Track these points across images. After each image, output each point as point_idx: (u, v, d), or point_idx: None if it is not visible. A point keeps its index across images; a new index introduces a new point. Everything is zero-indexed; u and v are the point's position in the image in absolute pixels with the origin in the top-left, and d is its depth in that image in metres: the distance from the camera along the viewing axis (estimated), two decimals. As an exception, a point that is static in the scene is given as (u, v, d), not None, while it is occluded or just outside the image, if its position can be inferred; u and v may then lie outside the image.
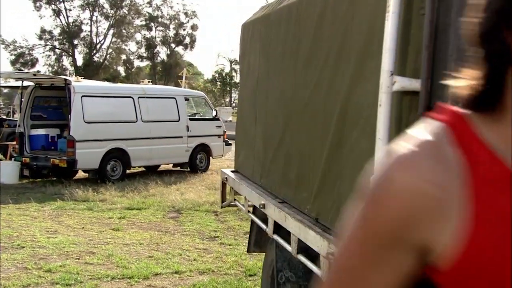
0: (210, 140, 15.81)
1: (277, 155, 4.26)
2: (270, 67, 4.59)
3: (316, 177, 3.39)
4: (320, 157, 3.34)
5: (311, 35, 3.63)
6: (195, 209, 10.55)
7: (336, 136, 3.12)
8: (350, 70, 2.98)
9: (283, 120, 4.16)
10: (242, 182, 4.92)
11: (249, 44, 5.31)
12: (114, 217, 9.76)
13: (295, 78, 3.92)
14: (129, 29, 65.69)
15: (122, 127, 13.89)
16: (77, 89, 13.09)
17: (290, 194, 3.91)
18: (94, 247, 7.59)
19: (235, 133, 5.81)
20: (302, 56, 3.79)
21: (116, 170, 13.87)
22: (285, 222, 3.64)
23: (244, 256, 7.35)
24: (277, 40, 4.41)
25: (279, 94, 4.31)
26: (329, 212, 3.19)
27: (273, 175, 4.36)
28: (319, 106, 3.41)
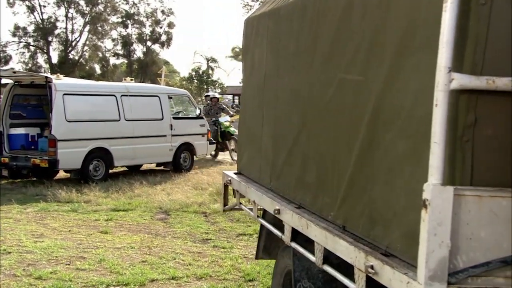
0: (194, 139, 15.54)
1: (291, 156, 4.04)
2: (280, 64, 4.36)
3: (342, 181, 3.17)
4: (347, 160, 3.12)
5: (332, 30, 3.41)
6: (183, 210, 10.29)
7: (367, 137, 2.91)
8: (384, 67, 2.77)
9: (297, 120, 3.94)
10: (249, 185, 4.69)
11: (254, 39, 5.08)
12: (101, 219, 9.45)
13: (312, 76, 3.69)
14: (105, 26, 64.90)
15: (105, 126, 13.56)
16: (58, 87, 12.72)
17: (308, 198, 3.69)
18: (84, 252, 7.29)
19: (238, 132, 5.57)
20: (321, 53, 3.57)
21: (99, 170, 13.53)
22: (306, 229, 3.41)
23: (240, 260, 7.13)
24: (289, 36, 4.19)
25: (292, 92, 4.09)
26: (359, 218, 2.97)
27: (286, 177, 4.13)
28: (345, 105, 3.19)
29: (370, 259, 2.65)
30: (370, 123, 2.88)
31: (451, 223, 2.20)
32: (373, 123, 2.85)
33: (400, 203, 2.60)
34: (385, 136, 2.74)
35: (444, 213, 2.19)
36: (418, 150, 2.48)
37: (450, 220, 2.20)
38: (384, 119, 2.75)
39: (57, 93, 12.58)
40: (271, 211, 4.04)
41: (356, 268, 2.77)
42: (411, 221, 2.49)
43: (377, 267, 2.57)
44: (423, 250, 2.21)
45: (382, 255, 2.65)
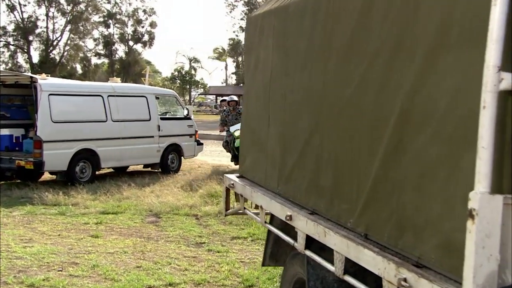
0: (181, 140, 15.34)
1: (302, 159, 3.88)
2: (288, 63, 4.19)
3: (364, 186, 3.02)
4: (369, 163, 2.96)
5: (350, 27, 3.25)
6: (174, 212, 10.09)
7: (394, 140, 2.75)
8: (415, 66, 2.61)
9: (309, 121, 3.77)
10: (255, 189, 4.51)
11: (258, 38, 4.90)
12: (90, 223, 9.23)
13: (327, 75, 3.53)
14: (87, 26, 64.32)
15: (92, 126, 13.33)
16: (43, 87, 12.46)
17: (323, 204, 3.53)
18: (76, 257, 7.07)
19: (240, 134, 5.39)
20: (337, 51, 3.41)
21: (85, 172, 13.29)
22: (324, 237, 3.25)
23: (237, 264, 6.96)
24: (299, 34, 4.02)
25: (303, 92, 3.93)
26: (384, 226, 2.81)
27: (296, 181, 3.97)
28: (366, 106, 3.03)
29: (402, 271, 2.49)
30: (397, 125, 2.73)
31: (500, 235, 2.05)
32: (400, 124, 2.70)
33: (434, 211, 2.45)
34: (416, 139, 2.58)
35: (493, 224, 2.04)
36: (455, 154, 2.33)
37: (499, 231, 2.05)
38: (415, 121, 2.60)
39: (42, 93, 12.32)
40: (282, 217, 3.87)
41: (385, 280, 2.61)
42: (447, 230, 2.35)
43: (412, 280, 2.42)
44: (470, 264, 2.05)
45: (414, 267, 2.50)
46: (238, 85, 71.57)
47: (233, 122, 14.45)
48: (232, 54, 77.83)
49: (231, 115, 15.10)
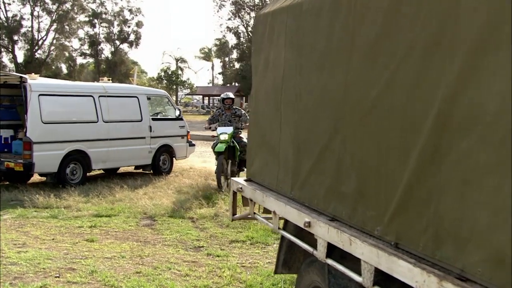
0: (173, 141, 15.13)
1: (320, 163, 3.72)
2: (303, 63, 4.03)
3: (393, 192, 2.86)
4: (400, 169, 2.81)
5: (377, 25, 3.09)
6: (169, 215, 9.90)
7: (431, 145, 2.59)
8: (455, 66, 2.46)
9: (328, 123, 3.62)
10: (267, 194, 4.35)
11: (267, 37, 4.74)
12: (84, 226, 9.01)
13: (349, 76, 3.38)
14: (72, 25, 63.77)
15: (82, 127, 13.09)
16: (33, 87, 12.20)
17: (345, 210, 3.37)
18: (73, 262, 6.86)
19: (247, 137, 5.22)
20: (362, 50, 3.25)
21: (76, 174, 13.04)
22: (349, 246, 3.09)
23: (239, 269, 6.79)
24: (315, 32, 3.86)
25: (320, 93, 3.77)
26: (419, 236, 2.65)
27: (313, 187, 3.81)
28: (397, 108, 2.87)
29: (445, 284, 2.34)
30: (434, 129, 2.57)
31: None
32: (438, 128, 2.54)
33: (481, 221, 2.30)
34: (458, 144, 2.43)
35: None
36: (505, 161, 2.18)
37: None
38: (456, 125, 2.44)
39: (32, 94, 12.07)
40: (299, 224, 3.71)
41: (425, 294, 2.46)
42: (498, 242, 2.19)
43: (458, 295, 2.27)
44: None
45: (458, 280, 2.35)
46: (225, 85, 71.43)
47: (225, 123, 12.65)
48: (219, 54, 77.62)
49: (224, 114, 12.89)
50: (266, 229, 8.57)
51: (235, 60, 68.83)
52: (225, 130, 12.17)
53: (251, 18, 59.99)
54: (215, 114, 13.27)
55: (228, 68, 75.22)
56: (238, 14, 59.08)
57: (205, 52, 79.71)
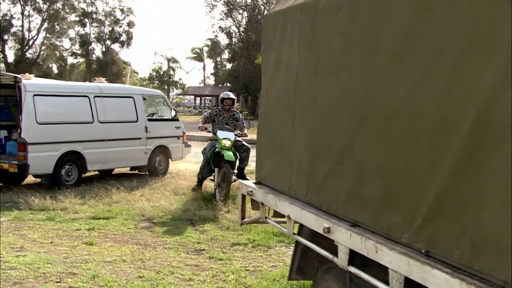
0: (169, 141, 14.97)
1: (339, 166, 3.60)
2: (320, 63, 3.91)
3: (425, 197, 2.74)
4: (432, 174, 2.69)
5: (405, 22, 2.97)
6: (168, 217, 9.74)
7: (468, 148, 2.47)
8: (497, 64, 2.33)
9: (349, 125, 3.49)
10: (281, 198, 4.22)
11: (279, 36, 4.61)
12: (82, 229, 8.85)
13: (372, 76, 3.26)
14: (63, 25, 63.34)
15: (78, 128, 12.90)
16: (28, 87, 12.01)
17: (367, 216, 3.25)
18: (73, 267, 6.70)
19: (256, 139, 5.09)
20: (387, 49, 3.13)
21: (71, 175, 12.87)
22: (375, 254, 2.97)
23: (243, 273, 6.66)
24: (333, 32, 3.74)
25: (338, 94, 3.65)
26: (455, 244, 2.53)
27: (331, 191, 3.68)
28: (428, 109, 2.74)
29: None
30: (472, 131, 2.45)
31: None
32: (477, 131, 2.42)
33: (527, 229, 2.19)
34: (501, 148, 2.30)
35: None
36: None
37: None
38: (499, 128, 2.31)
39: (27, 94, 11.89)
40: (318, 229, 3.58)
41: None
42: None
43: (504, 308, 2.15)
44: None
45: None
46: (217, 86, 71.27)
47: (222, 125, 11.59)
48: (211, 54, 77.43)
49: (222, 116, 11.80)
50: (268, 232, 8.46)
51: (227, 61, 68.67)
52: (227, 136, 11.06)
53: (243, 18, 59.91)
54: (212, 113, 12.02)
55: (220, 68, 75.05)
56: (230, 14, 58.90)
57: (196, 52, 79.50)
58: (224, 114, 11.86)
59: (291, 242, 8.11)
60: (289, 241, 8.14)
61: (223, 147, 10.90)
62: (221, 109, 11.91)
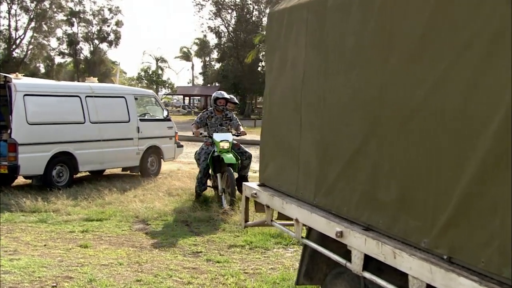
0: (161, 142, 14.82)
1: (351, 169, 3.50)
2: (329, 63, 3.81)
3: (447, 201, 2.65)
4: (457, 176, 2.59)
5: (422, 21, 2.88)
6: (163, 219, 9.61)
7: (497, 149, 2.38)
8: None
9: (362, 126, 3.40)
10: (288, 201, 4.12)
11: (284, 35, 4.51)
12: (76, 231, 8.69)
13: (387, 75, 3.16)
14: (50, 24, 62.86)
15: (69, 128, 12.72)
16: (18, 87, 11.83)
17: (382, 220, 3.15)
18: (69, 270, 6.56)
19: (260, 140, 4.98)
20: (403, 48, 3.04)
21: (63, 176, 12.67)
22: (393, 259, 2.87)
23: (242, 276, 6.54)
24: (343, 31, 3.65)
25: (350, 94, 3.55)
26: (481, 250, 2.44)
27: (342, 194, 3.58)
28: (450, 110, 2.65)
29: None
30: (500, 132, 2.36)
31: None
32: (506, 130, 2.33)
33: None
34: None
35: None
36: None
37: None
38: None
39: (17, 94, 11.71)
40: (329, 234, 3.49)
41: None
42: None
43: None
44: None
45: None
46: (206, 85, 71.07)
47: (216, 127, 11.03)
48: (200, 54, 77.21)
49: (215, 117, 11.15)
50: (264, 233, 8.35)
51: (216, 60, 68.51)
52: (225, 137, 10.50)
53: (232, 18, 59.72)
54: (202, 117, 11.23)
55: (209, 68, 74.86)
56: (219, 14, 58.72)
57: (184, 52, 79.25)
58: (216, 115, 11.21)
59: (288, 244, 8.03)
60: (286, 242, 8.05)
61: (222, 149, 10.39)
62: (213, 110, 11.24)
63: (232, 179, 10.16)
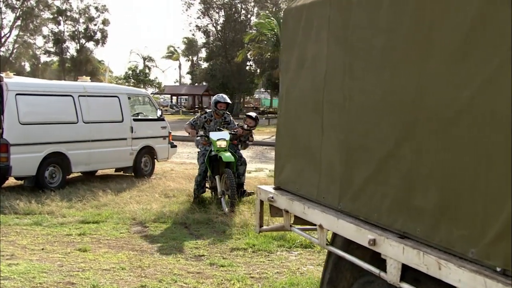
0: (155, 142, 14.62)
1: (382, 173, 3.32)
2: (354, 61, 3.64)
3: (500, 208, 2.46)
4: (509, 182, 2.43)
5: (468, 17, 2.71)
6: (161, 221, 9.42)
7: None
8: None
9: (395, 128, 3.22)
10: (310, 205, 3.94)
11: (302, 33, 4.32)
12: (73, 234, 8.48)
13: (426, 75, 2.99)
14: (36, 22, 62.30)
15: (62, 128, 12.50)
16: (10, 86, 11.59)
17: (420, 227, 2.97)
18: (70, 275, 6.35)
19: (275, 141, 4.80)
20: (445, 47, 2.87)
21: (55, 177, 12.46)
22: (438, 270, 2.69)
23: (249, 281, 6.39)
24: (372, 28, 3.46)
25: (381, 95, 3.36)
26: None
27: (371, 198, 3.40)
28: (502, 111, 2.49)
29: None
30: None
31: None
32: None
33: None
34: None
35: None
36: None
37: None
38: None
39: (9, 93, 11.47)
40: (360, 241, 3.31)
41: None
42: None
43: None
44: None
45: None
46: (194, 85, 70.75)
47: (215, 130, 10.75)
48: (188, 53, 76.87)
49: (214, 121, 10.87)
50: (266, 236, 8.18)
51: (204, 59, 68.21)
52: (222, 136, 10.35)
53: (220, 17, 59.47)
54: (199, 119, 10.93)
55: (197, 67, 74.52)
56: (207, 13, 58.45)
57: (171, 51, 78.84)
58: (216, 118, 10.96)
59: (291, 246, 7.87)
60: (289, 245, 7.90)
61: (219, 148, 10.19)
62: (213, 113, 10.97)
63: (231, 181, 9.92)
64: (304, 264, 7.13)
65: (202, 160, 10.71)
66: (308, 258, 7.41)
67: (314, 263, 7.16)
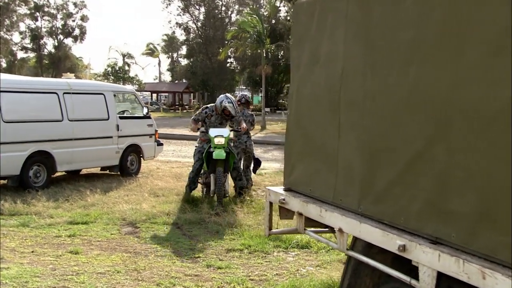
0: (141, 140, 14.35)
1: (409, 175, 3.17)
2: (376, 59, 3.49)
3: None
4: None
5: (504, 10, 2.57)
6: (152, 221, 9.18)
7: None
8: None
9: (424, 129, 3.07)
10: (327, 208, 3.78)
11: (315, 27, 4.16)
12: (63, 235, 8.23)
13: (459, 74, 2.85)
14: (13, 18, 61.38)
15: (46, 126, 12.17)
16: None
17: (455, 233, 2.83)
18: (64, 280, 6.12)
19: (285, 140, 4.63)
20: (481, 43, 2.72)
21: (40, 176, 12.12)
22: (482, 280, 2.55)
23: (249, 283, 6.21)
24: (397, 23, 3.32)
25: (407, 93, 3.22)
26: None
27: (397, 202, 3.25)
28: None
29: None
30: None
31: None
32: None
33: None
34: None
35: None
36: None
37: None
38: None
39: (-8, 90, 11.12)
40: (388, 247, 3.16)
41: None
42: None
43: None
44: None
45: None
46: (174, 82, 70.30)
47: (215, 126, 10.47)
48: (168, 50, 76.34)
49: (215, 116, 10.59)
50: (261, 236, 8.02)
51: (184, 56, 67.79)
52: (220, 133, 10.06)
53: (200, 14, 59.11)
54: (200, 114, 10.71)
55: (177, 64, 74.05)
56: (187, 9, 58.03)
57: (151, 48, 78.22)
58: (217, 113, 10.63)
59: (288, 247, 7.72)
60: (286, 246, 7.75)
61: (217, 145, 9.91)
62: (213, 109, 10.68)
63: (219, 180, 9.83)
64: (303, 265, 6.97)
65: (197, 157, 10.56)
66: (306, 259, 7.26)
67: (313, 264, 7.01)
